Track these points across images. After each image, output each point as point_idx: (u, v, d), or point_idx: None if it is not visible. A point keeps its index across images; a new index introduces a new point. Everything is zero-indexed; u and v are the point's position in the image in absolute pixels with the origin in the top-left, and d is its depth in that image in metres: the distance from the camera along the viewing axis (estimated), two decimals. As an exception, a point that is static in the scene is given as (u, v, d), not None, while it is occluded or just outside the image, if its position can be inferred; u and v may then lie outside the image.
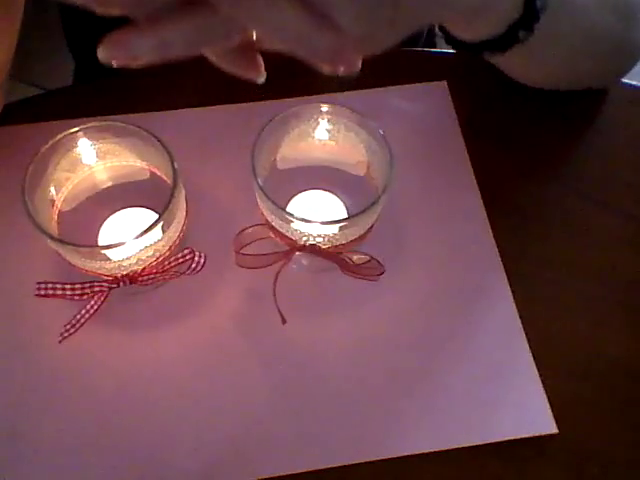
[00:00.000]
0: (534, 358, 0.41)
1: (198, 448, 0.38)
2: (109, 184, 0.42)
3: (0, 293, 0.42)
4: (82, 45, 0.61)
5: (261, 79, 0.32)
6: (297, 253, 0.39)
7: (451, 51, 0.54)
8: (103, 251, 0.36)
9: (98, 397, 0.39)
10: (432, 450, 0.38)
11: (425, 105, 0.51)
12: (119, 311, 0.41)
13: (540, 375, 0.40)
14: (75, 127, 0.38)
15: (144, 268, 0.38)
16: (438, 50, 0.55)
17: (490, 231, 0.45)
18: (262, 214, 0.39)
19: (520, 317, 0.42)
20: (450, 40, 0.45)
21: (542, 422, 0.39)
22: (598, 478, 0.38)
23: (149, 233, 0.35)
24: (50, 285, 0.38)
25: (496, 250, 0.44)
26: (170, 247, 0.39)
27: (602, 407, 0.40)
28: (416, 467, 0.38)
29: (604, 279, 0.44)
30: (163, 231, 0.37)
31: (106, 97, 0.50)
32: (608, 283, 0.43)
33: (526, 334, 0.41)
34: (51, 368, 0.40)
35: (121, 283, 0.38)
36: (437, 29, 0.48)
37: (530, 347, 0.41)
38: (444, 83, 0.51)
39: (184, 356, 0.40)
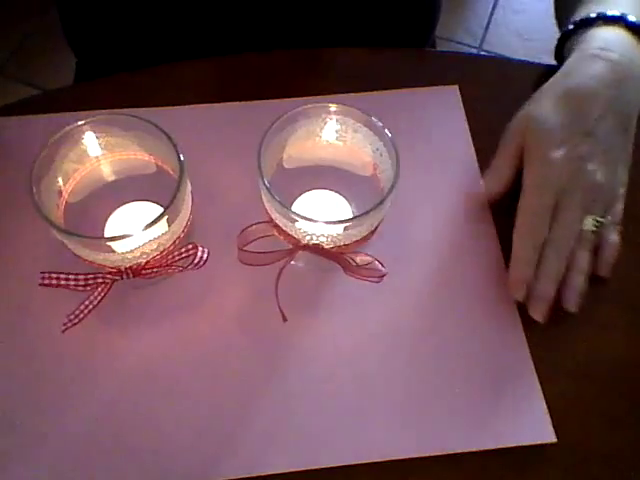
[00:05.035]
0: (534, 359, 0.41)
1: (197, 444, 0.38)
2: (116, 177, 0.42)
3: (4, 282, 0.42)
4: (82, 39, 0.61)
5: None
6: (300, 252, 0.40)
7: (462, 52, 0.54)
8: (108, 243, 0.36)
9: (99, 388, 0.39)
10: (430, 454, 0.38)
11: (436, 109, 0.50)
12: (121, 303, 0.41)
13: (540, 376, 0.40)
14: (83, 119, 0.38)
15: (148, 261, 0.38)
16: (446, 50, 0.55)
17: (495, 235, 0.45)
18: (267, 212, 0.39)
19: (521, 317, 0.42)
20: None
21: (541, 431, 0.39)
22: (599, 479, 0.38)
23: (154, 226, 0.35)
24: (54, 275, 0.38)
25: (500, 254, 0.44)
26: (174, 241, 0.39)
27: (603, 408, 0.40)
28: (416, 468, 0.38)
29: (604, 280, 0.44)
30: (168, 225, 0.37)
31: (108, 96, 0.50)
32: (609, 284, 0.43)
33: (526, 335, 0.41)
34: (53, 357, 0.40)
35: (124, 276, 0.38)
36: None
37: (530, 348, 0.41)
38: (456, 87, 0.51)
39: (184, 350, 0.40)
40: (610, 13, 0.47)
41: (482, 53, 1.38)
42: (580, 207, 0.42)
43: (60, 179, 0.39)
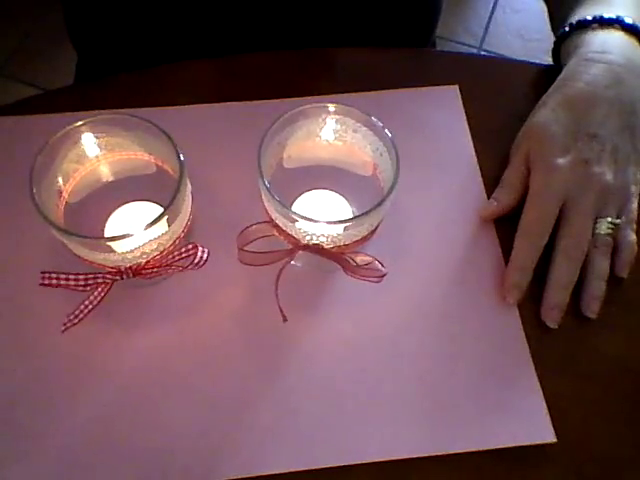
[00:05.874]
0: (534, 359, 0.41)
1: (197, 444, 0.38)
2: (116, 177, 0.42)
3: (5, 282, 0.42)
4: (85, 36, 0.61)
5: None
6: (300, 252, 0.40)
7: (462, 52, 0.54)
8: (108, 243, 0.36)
9: (99, 388, 0.39)
10: (429, 454, 0.38)
11: (436, 109, 0.50)
12: (121, 303, 0.41)
13: (540, 376, 0.40)
14: (83, 119, 0.38)
15: (148, 261, 0.38)
16: (446, 50, 0.55)
17: (496, 236, 0.45)
18: (267, 212, 0.39)
19: (521, 317, 0.42)
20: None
21: (541, 431, 0.39)
22: (599, 479, 0.38)
23: (154, 226, 0.35)
24: (54, 275, 0.38)
25: (500, 254, 0.44)
26: (174, 241, 0.39)
27: (602, 407, 0.40)
28: (416, 468, 0.38)
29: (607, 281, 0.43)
30: (168, 225, 0.37)
31: (108, 96, 0.50)
32: (608, 283, 0.43)
33: (526, 334, 0.41)
34: (53, 357, 0.40)
35: (124, 276, 0.38)
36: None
37: (530, 348, 0.41)
38: (456, 87, 0.51)
39: (184, 350, 0.40)
40: (607, 15, 0.47)
41: (482, 53, 1.38)
42: (590, 211, 0.42)
43: (60, 179, 0.39)
